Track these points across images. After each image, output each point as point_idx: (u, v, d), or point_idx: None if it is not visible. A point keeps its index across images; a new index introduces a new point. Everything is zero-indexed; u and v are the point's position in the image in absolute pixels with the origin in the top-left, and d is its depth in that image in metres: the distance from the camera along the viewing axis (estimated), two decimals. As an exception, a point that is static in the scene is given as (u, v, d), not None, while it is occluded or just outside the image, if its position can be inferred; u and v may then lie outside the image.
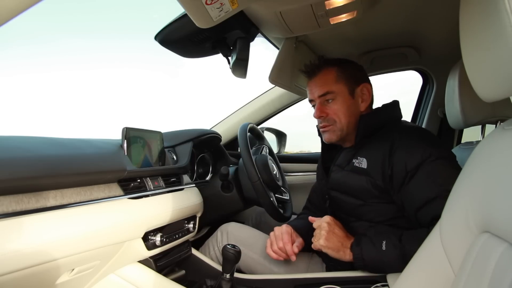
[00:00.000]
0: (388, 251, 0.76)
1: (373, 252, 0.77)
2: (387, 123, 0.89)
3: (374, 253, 0.77)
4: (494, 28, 0.41)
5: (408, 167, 0.78)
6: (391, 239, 0.77)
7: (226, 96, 26.41)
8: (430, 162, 0.76)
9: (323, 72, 0.92)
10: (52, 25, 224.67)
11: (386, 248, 0.76)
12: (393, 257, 0.74)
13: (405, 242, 0.75)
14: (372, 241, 0.78)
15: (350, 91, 0.91)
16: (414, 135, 0.83)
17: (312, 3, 0.76)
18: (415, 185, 0.77)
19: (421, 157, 0.77)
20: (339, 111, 0.90)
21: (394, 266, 0.75)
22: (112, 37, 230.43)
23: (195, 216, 1.01)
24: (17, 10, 0.36)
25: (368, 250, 0.78)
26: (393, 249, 0.75)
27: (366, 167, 0.84)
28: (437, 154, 0.77)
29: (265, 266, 0.97)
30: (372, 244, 0.78)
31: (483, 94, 0.47)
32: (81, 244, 0.61)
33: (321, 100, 0.92)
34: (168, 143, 1.05)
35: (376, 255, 0.77)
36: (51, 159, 0.61)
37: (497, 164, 0.44)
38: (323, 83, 0.91)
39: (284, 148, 1.83)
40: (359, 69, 0.95)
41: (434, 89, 1.51)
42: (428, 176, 0.76)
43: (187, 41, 0.92)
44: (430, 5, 0.90)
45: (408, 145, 0.80)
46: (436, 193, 0.74)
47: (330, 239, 0.82)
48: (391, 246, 0.76)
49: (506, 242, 0.38)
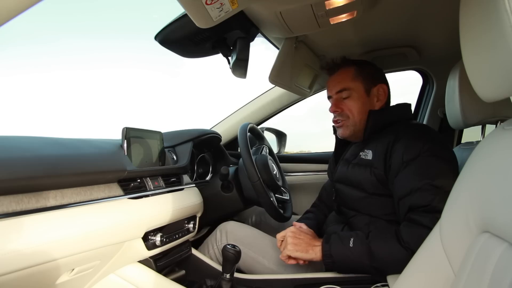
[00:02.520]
0: (355, 248, 0.77)
1: (341, 248, 0.78)
2: (396, 121, 0.91)
3: (342, 250, 0.78)
4: (494, 28, 0.41)
5: (404, 158, 0.79)
6: (359, 236, 0.78)
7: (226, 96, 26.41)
8: (425, 157, 0.78)
9: (342, 70, 0.97)
10: (52, 25, 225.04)
11: (353, 245, 0.77)
12: (360, 254, 0.76)
13: (371, 239, 0.76)
14: (340, 238, 0.80)
15: (366, 89, 0.95)
16: (418, 130, 0.85)
17: (312, 3, 0.76)
18: (405, 175, 0.79)
19: (418, 150, 0.79)
20: (353, 108, 0.94)
21: (361, 264, 0.76)
22: (112, 37, 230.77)
23: (195, 216, 1.01)
24: (17, 10, 0.36)
25: (336, 247, 0.79)
26: (359, 246, 0.76)
27: (371, 158, 0.87)
28: (435, 150, 0.78)
29: (264, 266, 0.97)
30: (340, 241, 0.79)
31: (483, 94, 0.47)
32: (81, 244, 0.61)
33: (337, 96, 0.97)
34: (168, 143, 1.05)
35: (343, 252, 0.77)
36: (51, 159, 0.61)
37: (497, 164, 0.44)
38: (341, 80, 0.96)
39: (284, 148, 1.83)
40: (378, 70, 0.99)
41: (434, 89, 1.51)
42: (419, 168, 0.77)
43: (187, 41, 0.92)
44: (430, 5, 0.90)
45: (409, 137, 0.82)
46: (420, 185, 0.75)
47: (297, 243, 0.83)
48: (358, 243, 0.77)
49: (506, 242, 0.38)
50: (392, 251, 0.73)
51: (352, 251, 0.77)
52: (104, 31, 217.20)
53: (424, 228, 0.70)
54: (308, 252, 0.82)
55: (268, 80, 1.01)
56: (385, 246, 0.75)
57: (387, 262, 0.73)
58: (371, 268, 0.75)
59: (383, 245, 0.75)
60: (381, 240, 0.76)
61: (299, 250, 0.82)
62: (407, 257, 0.66)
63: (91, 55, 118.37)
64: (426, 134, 0.83)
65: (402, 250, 0.72)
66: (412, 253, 0.66)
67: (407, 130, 0.85)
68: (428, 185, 0.74)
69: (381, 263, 0.74)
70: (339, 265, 0.79)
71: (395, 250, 0.73)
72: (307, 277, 0.87)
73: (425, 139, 0.81)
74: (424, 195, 0.74)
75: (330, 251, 0.79)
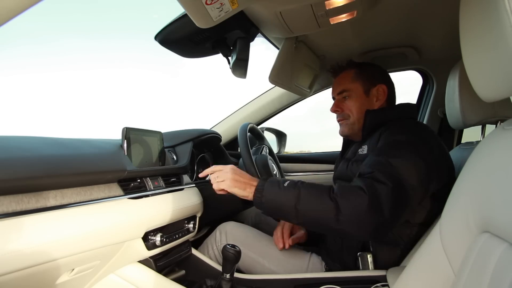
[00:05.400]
0: (287, 189, 0.76)
1: (274, 186, 0.77)
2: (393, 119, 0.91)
3: (274, 188, 0.77)
4: (494, 28, 0.41)
5: (381, 143, 0.82)
6: (295, 181, 0.78)
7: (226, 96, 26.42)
8: (398, 143, 0.79)
9: (344, 72, 1.02)
10: (52, 25, 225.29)
11: (287, 186, 0.77)
12: (289, 195, 0.75)
13: (304, 186, 0.76)
14: (278, 180, 0.80)
15: (366, 90, 0.98)
16: (406, 124, 0.87)
17: (312, 3, 0.76)
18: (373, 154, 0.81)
19: (395, 137, 0.81)
20: (352, 107, 0.98)
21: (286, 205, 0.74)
22: (112, 37, 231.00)
23: (195, 216, 1.01)
24: (17, 10, 0.36)
25: (270, 186, 0.78)
26: (292, 188, 0.76)
27: (366, 152, 0.89)
28: (410, 141, 0.79)
29: (264, 266, 0.97)
30: (276, 181, 0.79)
31: (483, 94, 0.47)
32: (81, 244, 0.61)
33: (339, 97, 1.02)
34: (168, 143, 1.05)
35: (275, 190, 0.77)
36: (51, 159, 0.60)
37: (497, 164, 0.44)
38: (341, 82, 1.01)
39: (284, 148, 1.83)
40: (379, 71, 1.02)
41: (434, 89, 1.51)
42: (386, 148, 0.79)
43: (187, 41, 0.92)
44: (430, 5, 0.90)
45: (394, 128, 0.84)
46: (377, 157, 0.77)
47: (238, 180, 0.81)
48: (291, 186, 0.76)
49: (506, 242, 0.38)
50: (319, 198, 0.73)
51: (283, 191, 0.76)
52: (105, 31, 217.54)
53: (356, 188, 0.71)
54: (246, 189, 0.80)
55: (268, 80, 1.01)
56: (314, 193, 0.74)
57: (310, 209, 0.73)
58: (294, 211, 0.74)
59: (313, 192, 0.74)
60: (313, 187, 0.76)
61: (237, 186, 0.80)
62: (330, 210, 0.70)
63: (91, 55, 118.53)
64: (412, 128, 0.84)
65: (328, 200, 0.71)
66: (336, 206, 0.70)
67: (397, 123, 0.87)
68: (384, 158, 0.75)
69: (304, 207, 0.73)
70: (266, 202, 0.77)
71: (322, 198, 0.72)
72: (307, 277, 0.87)
73: (409, 131, 0.82)
74: (374, 164, 0.75)
75: (263, 187, 0.78)
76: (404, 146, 0.78)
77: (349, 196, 0.70)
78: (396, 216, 0.71)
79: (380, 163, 0.75)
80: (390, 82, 1.01)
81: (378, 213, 0.68)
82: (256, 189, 0.78)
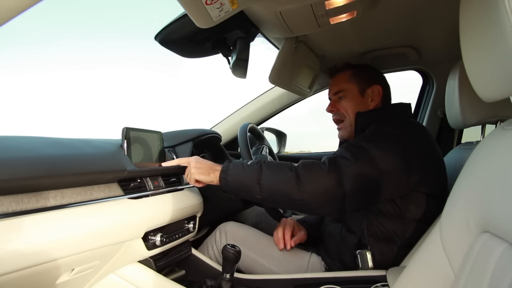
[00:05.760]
0: (250, 166, 0.79)
1: (238, 166, 0.80)
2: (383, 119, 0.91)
3: (238, 168, 0.79)
4: (494, 28, 0.41)
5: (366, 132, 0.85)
6: (258, 159, 0.82)
7: (226, 96, 26.43)
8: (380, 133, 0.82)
9: (340, 73, 1.04)
10: (52, 25, 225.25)
11: (250, 164, 0.80)
12: (252, 171, 0.77)
13: (267, 163, 0.79)
14: (242, 161, 0.82)
15: (361, 90, 0.99)
16: (395, 120, 0.89)
17: (312, 3, 0.76)
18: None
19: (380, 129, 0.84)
20: (347, 107, 1.00)
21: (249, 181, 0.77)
22: (112, 37, 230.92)
23: (195, 216, 1.01)
24: (17, 10, 0.36)
25: (234, 166, 0.80)
26: (255, 165, 0.79)
27: None
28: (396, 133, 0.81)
29: (264, 266, 0.97)
30: (241, 162, 0.81)
31: (483, 94, 0.47)
32: (81, 244, 0.61)
33: (334, 97, 1.03)
34: (168, 143, 1.05)
35: (239, 169, 0.79)
36: (51, 159, 0.60)
37: (497, 164, 0.44)
38: (337, 83, 1.03)
39: (284, 148, 1.83)
40: (375, 73, 1.03)
41: (434, 89, 1.51)
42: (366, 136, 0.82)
43: (187, 41, 0.92)
44: (430, 5, 0.90)
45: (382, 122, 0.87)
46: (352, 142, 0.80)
47: (200, 167, 0.84)
48: (254, 163, 0.79)
49: (506, 242, 0.38)
50: (280, 171, 0.76)
51: (246, 168, 0.79)
52: (104, 31, 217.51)
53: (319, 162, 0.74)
54: (210, 175, 0.82)
55: (268, 80, 1.01)
56: (276, 167, 0.77)
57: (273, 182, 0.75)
58: (256, 185, 0.76)
59: (275, 166, 0.78)
60: (276, 163, 0.79)
61: (201, 173, 0.83)
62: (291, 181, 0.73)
63: (91, 55, 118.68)
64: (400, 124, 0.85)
65: (289, 172, 0.74)
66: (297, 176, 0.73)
67: (388, 120, 0.88)
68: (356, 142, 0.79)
69: (267, 181, 0.75)
70: (232, 182, 0.79)
71: (283, 170, 0.75)
72: (307, 277, 0.87)
73: (395, 126, 0.84)
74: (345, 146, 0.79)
75: (228, 167, 0.80)
76: (384, 135, 0.80)
77: (310, 167, 0.74)
78: (359, 193, 0.73)
79: (351, 145, 0.78)
80: (386, 84, 1.02)
81: (337, 186, 0.71)
82: (221, 171, 0.80)
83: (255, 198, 0.79)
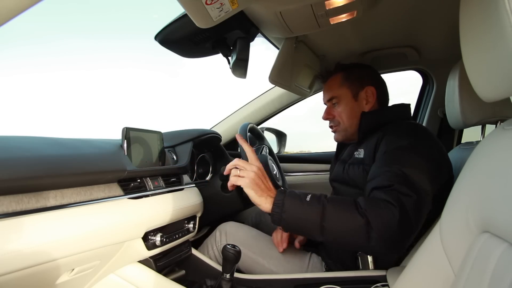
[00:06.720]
0: (310, 203, 0.71)
1: (296, 201, 0.71)
2: (391, 121, 0.91)
3: (296, 202, 0.71)
4: (494, 28, 0.41)
5: (382, 150, 0.81)
6: (317, 195, 0.73)
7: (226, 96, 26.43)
8: (403, 149, 0.78)
9: (331, 78, 1.01)
10: (52, 25, 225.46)
11: (309, 200, 0.71)
12: (313, 210, 0.70)
13: (329, 200, 0.71)
14: (298, 193, 0.74)
15: (354, 94, 0.97)
16: (404, 128, 0.86)
17: (312, 3, 0.76)
18: (378, 163, 0.79)
19: (397, 144, 0.79)
20: (342, 113, 0.98)
21: (310, 221, 0.69)
22: (112, 37, 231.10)
23: (195, 216, 1.01)
24: (17, 10, 0.36)
25: (291, 198, 0.72)
26: (316, 203, 0.70)
27: (363, 156, 0.88)
28: (414, 145, 0.79)
29: (264, 266, 0.97)
30: (296, 195, 0.73)
31: (483, 94, 0.47)
32: (81, 244, 0.61)
33: (329, 104, 1.02)
34: (168, 143, 1.05)
35: (297, 204, 0.71)
36: (51, 159, 0.60)
37: (497, 164, 0.44)
38: (329, 89, 1.01)
39: (284, 148, 1.83)
40: (367, 73, 1.00)
41: (434, 89, 1.51)
42: (393, 156, 0.77)
43: (187, 41, 0.92)
44: (430, 5, 0.90)
45: (393, 133, 0.83)
46: (389, 168, 0.74)
47: (259, 184, 0.75)
48: (315, 200, 0.71)
49: (506, 242, 0.38)
50: (347, 215, 0.68)
51: (307, 205, 0.70)
52: (104, 31, 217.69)
53: (385, 202, 0.67)
54: (261, 197, 0.74)
55: (268, 80, 1.01)
56: (341, 208, 0.69)
57: (338, 226, 0.68)
58: (320, 228, 0.68)
59: (340, 207, 0.70)
60: (339, 202, 0.71)
61: (254, 190, 0.74)
62: (360, 226, 0.65)
63: (91, 55, 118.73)
64: (411, 132, 0.83)
65: (357, 216, 0.66)
66: (367, 223, 0.65)
67: (395, 127, 0.86)
68: (397, 169, 0.72)
69: (331, 225, 0.68)
70: (287, 218, 0.71)
71: (350, 214, 0.67)
72: (307, 277, 0.87)
73: (408, 135, 0.81)
74: (390, 176, 0.72)
75: (284, 200, 0.72)
76: (409, 151, 0.77)
77: (379, 211, 0.66)
78: (420, 225, 0.70)
79: (396, 175, 0.72)
80: (379, 83, 1.00)
81: (408, 227, 0.66)
82: (274, 203, 0.72)
83: (314, 239, 0.71)
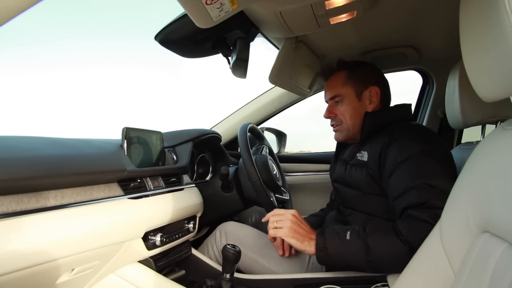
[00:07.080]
0: (351, 241, 0.74)
1: (336, 241, 0.75)
2: (393, 122, 0.91)
3: (337, 242, 0.75)
4: (494, 28, 0.41)
5: (397, 159, 0.79)
6: (355, 229, 0.76)
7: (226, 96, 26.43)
8: (419, 156, 0.77)
9: (334, 75, 1.00)
10: (52, 25, 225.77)
11: (350, 238, 0.74)
12: (356, 247, 0.73)
13: (369, 233, 0.74)
14: (337, 231, 0.77)
15: (357, 93, 0.96)
16: (412, 131, 0.85)
17: (312, 3, 0.76)
18: (399, 175, 0.78)
19: (411, 151, 0.78)
20: (345, 113, 0.96)
21: (357, 258, 0.73)
22: (112, 37, 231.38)
23: (195, 216, 1.01)
24: (17, 10, 0.36)
25: (331, 239, 0.76)
26: (356, 239, 0.73)
27: (367, 160, 0.87)
28: (428, 150, 0.78)
29: (264, 266, 0.97)
30: (336, 234, 0.76)
31: (483, 94, 0.47)
32: (81, 244, 0.61)
33: (331, 102, 1.00)
34: (168, 143, 1.05)
35: (338, 244, 0.75)
36: (51, 159, 0.60)
37: (497, 164, 0.44)
38: (332, 87, 0.99)
39: (284, 148, 1.83)
40: (371, 72, 0.99)
41: (434, 89, 1.51)
42: (412, 168, 0.76)
43: (187, 41, 0.92)
44: (430, 5, 0.90)
45: (404, 138, 0.82)
46: (415, 184, 0.74)
47: (297, 230, 0.80)
48: (355, 236, 0.74)
49: (506, 242, 0.38)
50: (390, 245, 0.71)
51: (348, 244, 0.74)
52: (104, 31, 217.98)
53: (423, 222, 0.68)
54: (304, 242, 0.78)
55: (268, 80, 1.01)
56: (383, 240, 0.72)
57: (385, 257, 0.71)
58: (367, 263, 0.72)
59: (381, 239, 0.72)
60: (379, 233, 0.73)
61: (295, 238, 0.79)
62: (406, 252, 0.67)
63: (91, 55, 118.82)
64: (420, 135, 0.83)
65: (400, 244, 0.69)
66: (411, 248, 0.66)
67: (402, 131, 0.85)
68: (423, 184, 0.73)
69: (378, 258, 0.72)
70: (333, 259, 0.75)
71: (393, 244, 0.70)
72: (307, 277, 0.87)
73: (419, 139, 0.80)
74: (420, 193, 0.72)
75: (325, 243, 0.75)
76: (425, 158, 0.77)
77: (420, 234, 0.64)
78: None
79: (424, 190, 0.72)
80: (383, 82, 0.99)
81: None
82: (317, 247, 0.76)
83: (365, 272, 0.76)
